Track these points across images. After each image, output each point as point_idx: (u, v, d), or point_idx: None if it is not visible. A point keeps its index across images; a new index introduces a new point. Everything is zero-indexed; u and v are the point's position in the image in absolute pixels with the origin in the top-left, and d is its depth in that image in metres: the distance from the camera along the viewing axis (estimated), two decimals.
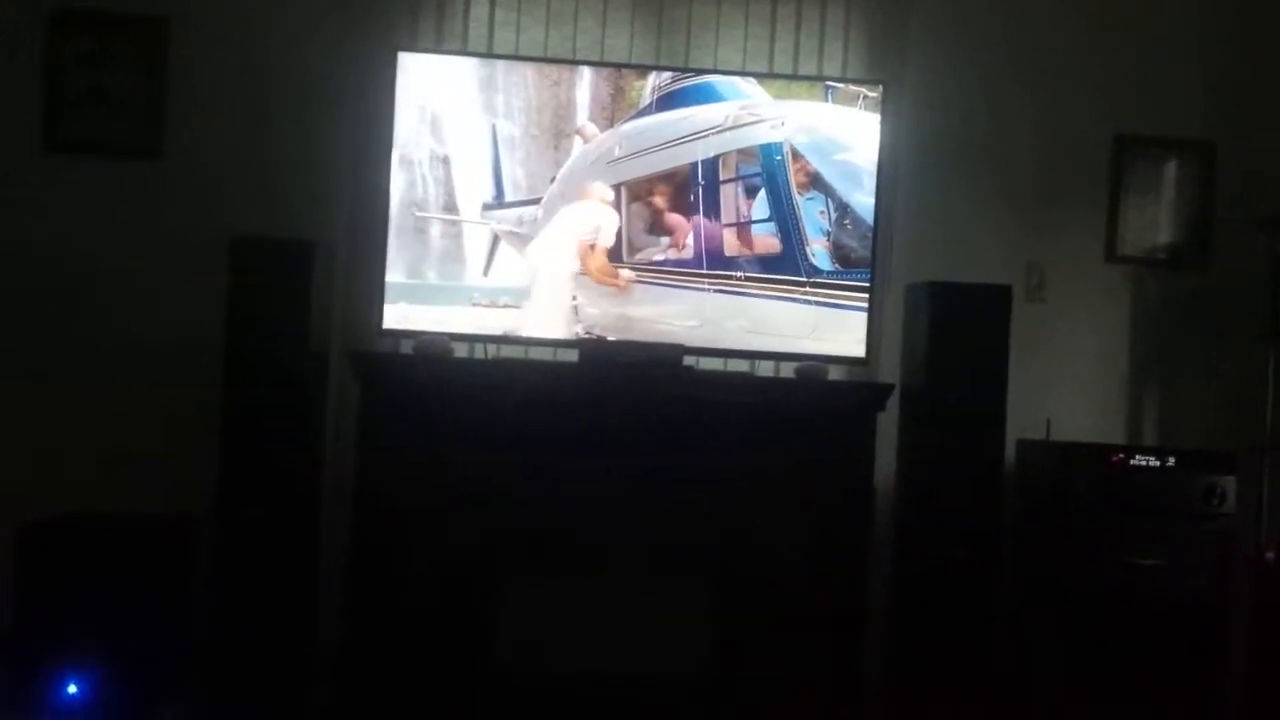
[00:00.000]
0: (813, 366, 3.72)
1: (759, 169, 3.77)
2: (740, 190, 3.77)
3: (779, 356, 3.82)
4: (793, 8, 4.08)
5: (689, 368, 3.69)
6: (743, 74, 3.94)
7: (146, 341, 3.98)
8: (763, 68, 4.04)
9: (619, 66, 3.88)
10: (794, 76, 3.98)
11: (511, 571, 3.51)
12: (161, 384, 3.96)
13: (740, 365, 3.89)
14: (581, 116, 3.76)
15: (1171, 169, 4.29)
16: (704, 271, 3.76)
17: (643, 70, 3.86)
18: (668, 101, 3.79)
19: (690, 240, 3.75)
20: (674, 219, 3.76)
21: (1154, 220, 4.29)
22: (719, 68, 4.00)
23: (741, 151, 3.77)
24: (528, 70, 3.79)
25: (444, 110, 3.74)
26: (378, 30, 3.95)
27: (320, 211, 3.96)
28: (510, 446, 3.48)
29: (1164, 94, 4.28)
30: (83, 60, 3.99)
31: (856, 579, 3.57)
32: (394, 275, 3.72)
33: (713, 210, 3.76)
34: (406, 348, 3.74)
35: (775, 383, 3.82)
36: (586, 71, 3.81)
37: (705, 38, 4.08)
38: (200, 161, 4.03)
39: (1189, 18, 4.28)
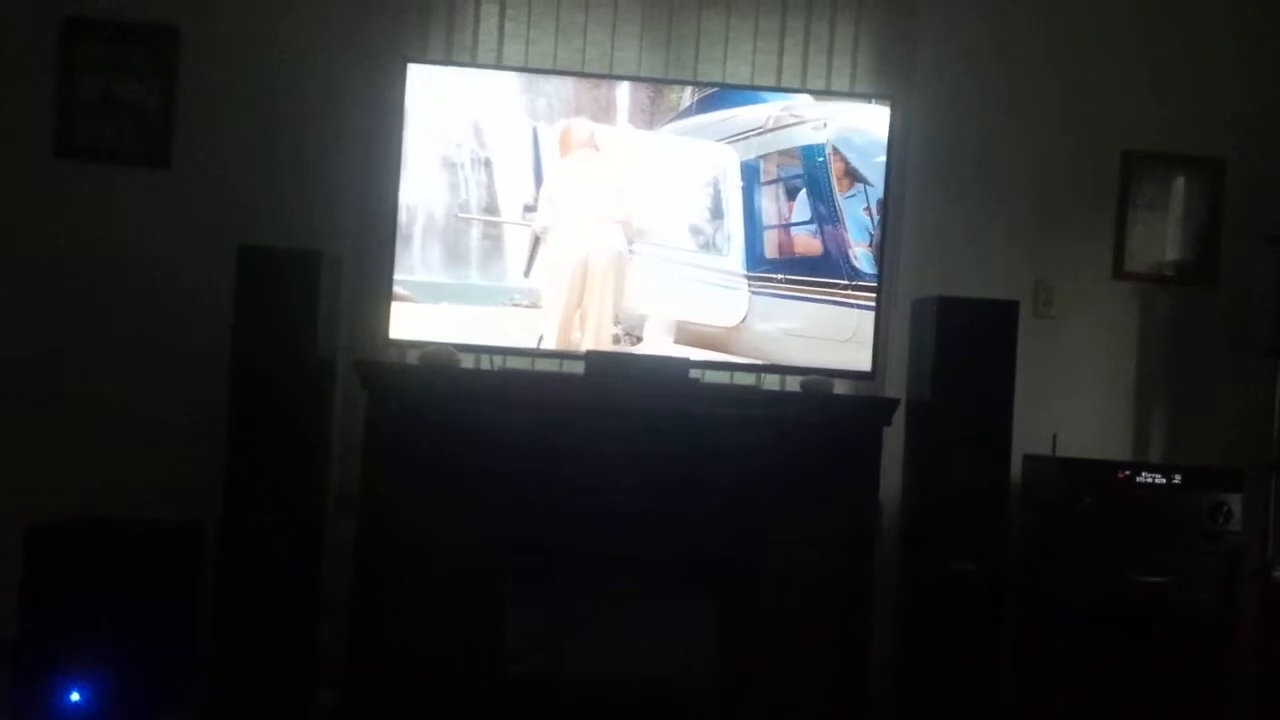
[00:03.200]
0: (818, 380, 3.71)
1: (800, 171, 3.77)
2: (781, 192, 3.77)
3: (785, 370, 3.82)
4: (801, 22, 4.09)
5: (695, 380, 3.69)
6: (751, 88, 3.95)
7: (154, 349, 4.00)
8: (771, 82, 4.05)
9: (623, 79, 3.86)
10: (802, 90, 3.98)
11: (517, 581, 3.51)
12: (168, 392, 3.98)
13: (746, 378, 3.89)
14: (621, 119, 3.76)
15: (1180, 185, 4.28)
16: (744, 273, 3.76)
17: (641, 82, 3.85)
18: (709, 103, 3.79)
19: (731, 241, 3.76)
20: None
21: (1162, 237, 4.28)
22: (727, 81, 4.00)
23: (782, 153, 3.77)
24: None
25: (486, 113, 3.75)
26: (387, 41, 3.97)
27: (328, 221, 3.98)
28: (517, 457, 3.48)
29: (1172, 110, 4.28)
30: (94, 67, 4.01)
31: (861, 593, 3.56)
32: (435, 276, 3.73)
33: (753, 212, 3.76)
34: (413, 358, 3.75)
35: (781, 396, 3.82)
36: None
37: (714, 51, 4.09)
38: (209, 170, 4.05)
39: (1197, 34, 4.28)
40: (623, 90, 3.78)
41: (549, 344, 3.75)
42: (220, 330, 3.56)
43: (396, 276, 3.73)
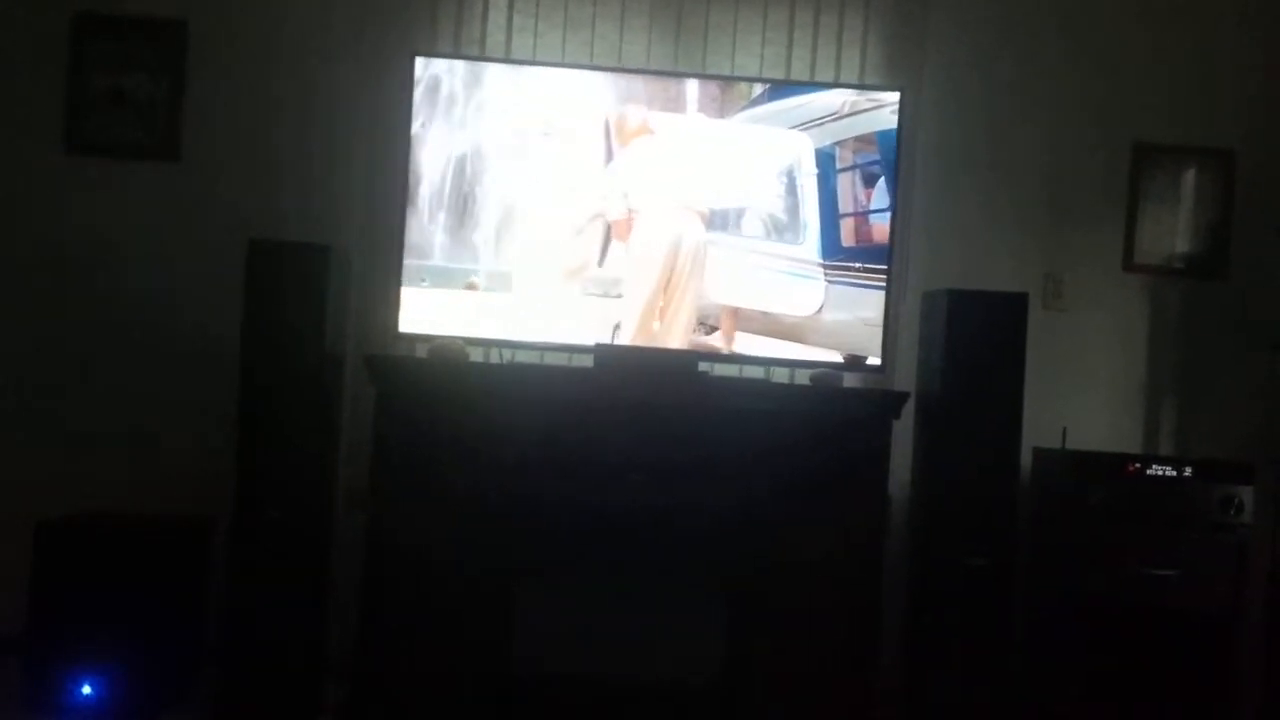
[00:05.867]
0: (828, 374, 3.71)
1: (878, 157, 3.72)
2: (859, 179, 3.72)
3: (795, 364, 3.81)
4: (810, 14, 4.08)
5: (704, 374, 3.69)
6: (759, 80, 3.93)
7: (163, 343, 4.01)
8: (780, 73, 4.04)
9: (633, 72, 3.87)
10: (811, 83, 3.97)
11: (526, 575, 3.51)
12: (177, 387, 3.98)
13: (755, 372, 3.89)
14: (691, 108, 3.74)
15: (1190, 177, 4.27)
16: (821, 262, 3.73)
17: (649, 74, 3.85)
18: (780, 90, 3.77)
19: (807, 229, 3.73)
20: None
21: (1172, 229, 4.27)
22: (736, 74, 3.98)
23: (859, 139, 3.72)
24: None
25: (555, 106, 3.73)
26: (396, 34, 3.97)
27: (337, 215, 3.98)
28: (525, 451, 3.48)
29: (1183, 102, 4.26)
30: (103, 63, 4.02)
31: (871, 586, 3.56)
32: (504, 265, 3.73)
33: (829, 199, 3.71)
34: (423, 352, 3.75)
35: (790, 389, 3.81)
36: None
37: (722, 43, 4.07)
38: (218, 164, 4.05)
39: (1207, 25, 4.26)
40: (693, 80, 3.77)
41: (627, 334, 3.74)
42: (229, 324, 3.56)
43: (469, 265, 3.71)
